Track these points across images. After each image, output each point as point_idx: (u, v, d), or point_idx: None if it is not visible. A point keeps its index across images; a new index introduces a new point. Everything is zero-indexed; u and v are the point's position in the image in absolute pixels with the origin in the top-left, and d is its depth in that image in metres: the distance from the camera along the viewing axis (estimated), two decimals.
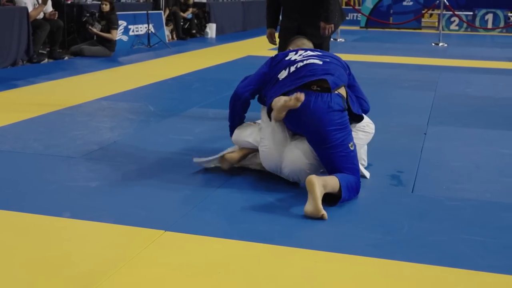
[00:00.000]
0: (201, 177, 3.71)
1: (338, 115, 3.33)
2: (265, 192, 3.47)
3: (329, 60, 3.63)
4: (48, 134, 4.74)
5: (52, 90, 6.80)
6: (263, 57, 10.20)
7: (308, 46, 4.06)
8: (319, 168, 3.54)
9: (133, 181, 3.64)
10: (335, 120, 3.32)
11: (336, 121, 3.32)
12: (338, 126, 3.33)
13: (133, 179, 3.66)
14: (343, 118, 3.37)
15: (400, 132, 5.07)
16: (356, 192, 3.38)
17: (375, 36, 15.28)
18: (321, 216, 3.06)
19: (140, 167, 3.88)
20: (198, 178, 3.69)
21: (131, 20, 11.39)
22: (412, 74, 8.52)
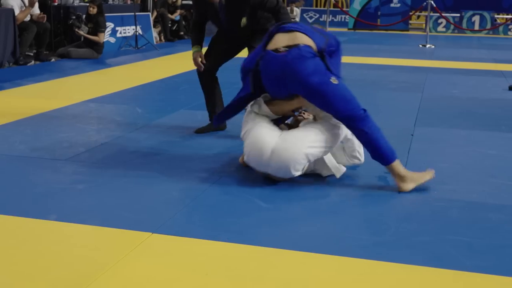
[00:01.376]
0: (188, 179, 3.70)
1: (311, 61, 3.38)
2: (253, 194, 3.47)
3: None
4: (35, 137, 4.71)
5: (39, 92, 6.77)
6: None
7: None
8: (312, 158, 3.55)
9: (120, 183, 3.63)
10: (310, 66, 3.37)
11: (311, 67, 3.37)
12: (313, 71, 3.37)
13: (120, 182, 3.65)
14: (318, 65, 3.40)
15: (387, 133, 5.04)
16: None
17: (362, 38, 15.34)
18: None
19: (127, 170, 3.87)
20: (186, 180, 3.69)
21: (118, 22, 11.36)
22: (400, 75, 8.56)
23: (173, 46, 12.23)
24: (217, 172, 3.84)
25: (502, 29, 17.47)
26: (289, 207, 3.34)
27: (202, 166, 3.93)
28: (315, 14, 20.19)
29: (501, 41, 14.98)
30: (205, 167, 3.89)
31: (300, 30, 3.56)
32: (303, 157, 3.50)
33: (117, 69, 8.86)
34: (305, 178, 3.74)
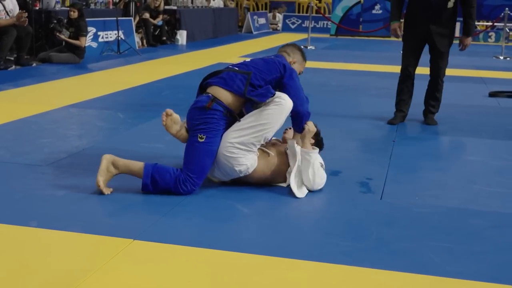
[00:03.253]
0: None
1: (197, 112, 3.59)
2: (235, 200, 3.47)
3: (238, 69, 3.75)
4: (15, 142, 4.66)
5: (20, 97, 6.70)
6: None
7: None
8: (241, 145, 3.53)
9: None
10: (195, 116, 3.60)
11: (195, 117, 3.60)
12: (196, 120, 3.58)
13: None
14: (203, 115, 3.56)
15: (369, 139, 5.11)
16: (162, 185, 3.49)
17: (344, 44, 15.42)
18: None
19: None
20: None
21: (100, 26, 11.30)
22: (381, 81, 8.62)
23: (155, 51, 12.19)
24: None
25: (482, 36, 17.68)
26: (271, 213, 3.34)
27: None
28: (297, 20, 20.27)
29: (481, 48, 15.14)
30: None
31: (218, 84, 3.66)
32: (229, 146, 3.53)
33: (98, 74, 8.81)
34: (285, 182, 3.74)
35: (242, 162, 3.56)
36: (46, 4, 10.60)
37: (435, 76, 5.66)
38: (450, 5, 5.25)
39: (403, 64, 5.70)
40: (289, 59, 3.97)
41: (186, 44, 13.99)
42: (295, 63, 3.98)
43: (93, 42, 11.04)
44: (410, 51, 5.60)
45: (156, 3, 13.25)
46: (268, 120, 3.56)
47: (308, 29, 14.34)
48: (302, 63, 4.07)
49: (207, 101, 3.59)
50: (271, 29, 20.23)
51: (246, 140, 3.55)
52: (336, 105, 6.68)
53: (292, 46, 4.11)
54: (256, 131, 3.55)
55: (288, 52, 4.03)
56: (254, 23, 18.95)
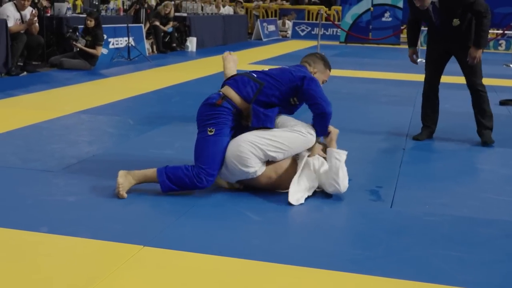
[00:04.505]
0: (180, 192, 3.69)
1: (208, 108, 3.70)
2: (244, 207, 3.47)
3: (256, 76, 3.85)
4: (26, 148, 4.69)
5: (31, 103, 6.74)
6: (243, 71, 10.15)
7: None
8: (256, 149, 3.56)
9: (112, 195, 3.61)
10: (204, 112, 3.71)
11: (205, 113, 3.70)
12: (205, 116, 3.69)
13: (111, 194, 3.63)
14: (213, 111, 3.67)
15: (379, 147, 5.10)
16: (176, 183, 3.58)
17: (354, 51, 15.42)
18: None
19: None
20: (177, 193, 3.67)
21: (111, 33, 11.36)
22: (391, 89, 8.60)
23: (165, 57, 12.23)
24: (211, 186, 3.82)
25: (492, 44, 17.62)
26: (280, 220, 3.34)
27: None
28: (307, 27, 20.28)
29: (491, 56, 15.09)
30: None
31: (231, 85, 3.80)
32: (246, 145, 3.56)
33: (109, 80, 8.85)
34: None
35: (250, 164, 3.58)
36: (57, 11, 10.68)
37: (473, 89, 5.35)
38: (455, 23, 5.08)
39: (425, 77, 5.54)
40: (310, 69, 3.99)
41: (195, 50, 14.03)
42: (317, 73, 3.99)
43: (104, 49, 11.07)
44: (432, 63, 5.44)
45: (166, 10, 13.30)
46: (290, 146, 3.64)
47: (317, 36, 14.35)
48: (324, 72, 4.05)
49: (218, 98, 3.72)
50: (280, 36, 20.26)
51: (261, 146, 3.58)
52: (346, 112, 6.68)
53: (314, 56, 4.11)
54: (274, 147, 3.61)
55: (309, 62, 4.04)
56: (264, 30, 18.98)
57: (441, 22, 5.14)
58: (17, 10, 8.79)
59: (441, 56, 5.37)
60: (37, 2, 10.39)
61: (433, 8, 5.09)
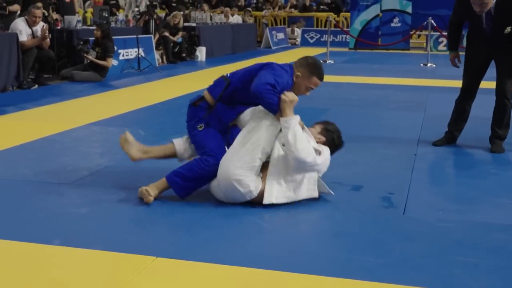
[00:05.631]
0: (192, 202, 3.70)
1: (189, 108, 4.02)
2: (256, 216, 3.46)
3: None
4: (38, 161, 4.71)
5: (42, 116, 6.79)
6: None
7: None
8: (249, 168, 3.54)
9: (124, 207, 3.62)
10: (188, 112, 4.02)
11: (189, 114, 4.01)
12: (189, 117, 3.99)
13: (123, 205, 3.64)
14: (193, 111, 3.95)
15: (390, 153, 5.08)
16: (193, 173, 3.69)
17: (363, 58, 15.40)
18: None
19: (130, 193, 3.86)
20: (189, 203, 3.68)
21: (121, 44, 11.41)
22: (401, 95, 8.58)
23: (175, 68, 12.28)
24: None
25: None
26: (292, 229, 3.33)
27: (205, 189, 3.90)
28: (316, 34, 20.29)
29: None
30: (207, 190, 3.86)
31: (209, 86, 4.02)
32: (232, 168, 3.53)
33: (120, 92, 8.89)
34: (306, 199, 3.73)
35: (245, 184, 3.54)
36: (67, 24, 10.76)
37: (500, 95, 5.20)
38: (507, 30, 4.90)
39: (463, 85, 5.35)
40: (295, 71, 3.84)
41: (205, 60, 14.08)
42: (298, 77, 3.82)
43: (114, 60, 11.13)
44: (472, 71, 5.23)
45: (175, 20, 13.36)
46: (255, 135, 3.59)
47: (327, 43, 14.36)
48: (308, 78, 3.84)
49: (196, 99, 3.97)
50: (289, 44, 20.28)
51: (246, 159, 3.55)
52: (357, 119, 6.66)
53: (305, 59, 3.90)
54: (258, 152, 3.57)
55: (297, 63, 3.89)
56: (273, 38, 19.02)
57: (492, 28, 4.95)
58: (28, 25, 8.87)
59: (483, 63, 5.17)
60: (47, 16, 10.47)
61: (486, 14, 4.92)
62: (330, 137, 3.91)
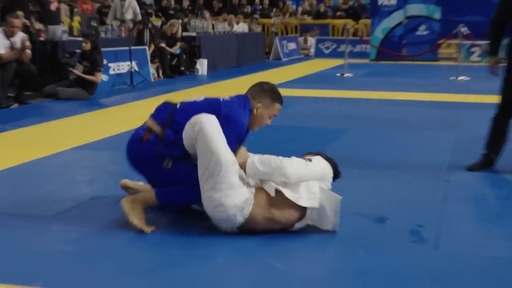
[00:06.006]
0: (194, 237, 3.67)
1: (139, 145, 3.94)
2: (266, 253, 3.44)
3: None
4: (17, 190, 4.71)
5: (22, 139, 6.81)
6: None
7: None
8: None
9: (116, 244, 3.60)
10: (138, 151, 3.94)
11: (139, 152, 3.93)
12: (140, 157, 3.93)
13: (116, 241, 3.63)
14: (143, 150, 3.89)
15: (418, 180, 5.05)
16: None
17: (386, 70, 15.43)
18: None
19: (124, 227, 3.84)
20: (191, 238, 3.65)
21: (111, 57, 11.49)
22: (430, 112, 8.57)
23: (173, 83, 12.34)
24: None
25: None
26: (309, 268, 3.30)
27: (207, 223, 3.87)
28: (332, 44, 20.38)
29: None
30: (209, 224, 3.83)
31: (152, 115, 4.05)
32: (208, 199, 3.62)
33: (110, 111, 8.92)
34: (325, 232, 3.70)
35: (226, 206, 3.57)
36: (51, 34, 10.84)
37: None
38: None
39: (502, 98, 5.28)
40: (254, 102, 3.99)
41: (206, 74, 14.15)
42: (260, 108, 3.99)
43: (104, 75, 11.18)
44: (510, 83, 5.17)
45: (173, 29, 13.42)
46: (209, 148, 3.60)
47: (344, 54, 14.41)
48: (270, 106, 4.03)
49: (143, 133, 3.90)
50: (302, 55, 20.37)
51: (211, 182, 3.59)
52: (378, 141, 6.65)
53: (259, 87, 4.09)
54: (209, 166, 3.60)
55: (253, 94, 4.03)
56: (283, 48, 19.12)
57: None
58: (6, 37, 8.93)
59: None
60: (29, 26, 10.56)
61: None
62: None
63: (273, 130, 6.94)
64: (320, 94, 10.67)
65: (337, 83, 12.52)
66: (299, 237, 3.67)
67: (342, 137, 6.76)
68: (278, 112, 4.11)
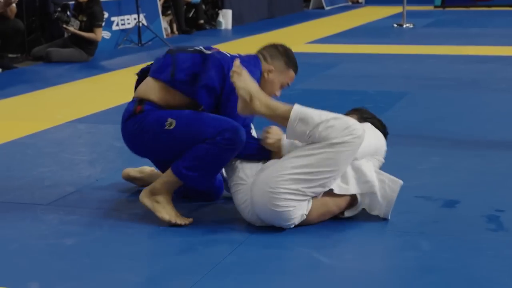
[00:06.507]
0: (215, 228, 3.71)
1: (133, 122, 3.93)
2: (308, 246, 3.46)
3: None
4: (6, 173, 4.78)
5: (9, 111, 6.88)
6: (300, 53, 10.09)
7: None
8: (298, 187, 3.54)
9: (123, 235, 3.66)
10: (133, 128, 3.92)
11: (136, 130, 3.90)
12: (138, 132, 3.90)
13: (122, 233, 3.68)
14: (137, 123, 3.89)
15: (496, 155, 5.02)
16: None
17: (456, 19, 15.25)
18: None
19: (131, 215, 3.90)
20: (212, 229, 3.69)
21: (114, 9, 11.50)
22: (511, 71, 8.48)
23: (190, 40, 12.33)
24: (248, 224, 3.80)
25: None
26: (362, 264, 3.31)
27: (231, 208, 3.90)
28: None
29: None
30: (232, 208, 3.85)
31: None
32: (284, 187, 3.52)
33: (114, 75, 8.96)
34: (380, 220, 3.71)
35: (292, 215, 3.57)
36: None
37: None
38: None
39: None
40: (265, 65, 3.95)
41: (231, 28, 14.11)
42: (272, 72, 3.96)
43: (105, 32, 11.22)
44: None
45: None
46: (333, 167, 3.54)
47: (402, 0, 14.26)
48: (285, 72, 4.01)
49: (134, 105, 3.94)
50: (349, 3, 20.22)
51: (300, 190, 3.55)
52: (447, 106, 6.60)
53: (274, 48, 4.06)
54: (314, 181, 3.55)
55: (266, 55, 4.01)
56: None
57: None
58: None
59: None
60: None
61: None
62: (371, 124, 3.96)
63: (313, 95, 6.98)
64: (372, 50, 10.60)
65: (393, 37, 12.43)
66: (349, 226, 3.69)
67: (400, 103, 6.73)
68: (291, 81, 4.07)
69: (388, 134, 4.04)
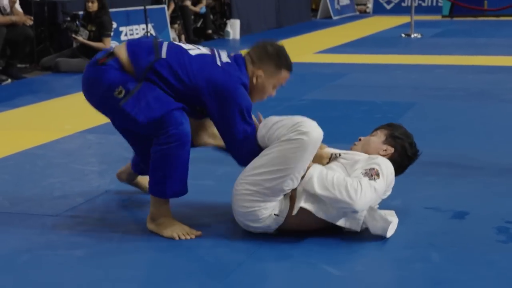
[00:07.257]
0: (226, 239, 3.71)
1: (92, 70, 3.91)
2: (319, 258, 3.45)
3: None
4: (15, 184, 4.80)
5: (18, 121, 6.89)
6: (308, 64, 10.15)
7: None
8: (258, 188, 3.57)
9: (132, 247, 3.66)
10: (90, 75, 3.93)
11: (91, 76, 3.93)
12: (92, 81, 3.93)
13: (131, 245, 3.69)
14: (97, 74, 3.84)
15: (507, 166, 5.01)
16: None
17: (463, 29, 15.25)
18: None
19: (141, 226, 3.90)
20: (221, 240, 3.69)
21: (123, 19, 11.53)
22: None
23: None
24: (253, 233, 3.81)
25: None
26: (371, 276, 3.31)
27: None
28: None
29: None
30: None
31: (128, 44, 3.95)
32: (244, 188, 3.61)
33: None
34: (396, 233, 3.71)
35: (260, 216, 3.60)
36: None
37: None
38: None
39: None
40: (253, 69, 3.81)
41: (239, 38, 14.13)
42: (261, 77, 3.80)
43: (114, 41, 11.24)
44: None
45: None
46: (284, 166, 3.54)
47: (410, 9, 14.27)
48: (275, 74, 3.83)
49: (103, 55, 3.83)
50: (357, 12, 20.24)
51: (258, 191, 3.59)
52: (455, 117, 6.60)
53: (261, 49, 3.87)
54: (268, 181, 3.57)
55: (253, 57, 3.84)
56: (334, 4, 19.02)
57: None
58: None
59: None
60: None
61: None
62: (400, 146, 3.91)
63: (321, 105, 6.97)
64: (380, 60, 10.61)
65: (401, 47, 12.43)
66: (358, 238, 3.68)
67: (408, 113, 6.72)
68: (285, 81, 3.90)
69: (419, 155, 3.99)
